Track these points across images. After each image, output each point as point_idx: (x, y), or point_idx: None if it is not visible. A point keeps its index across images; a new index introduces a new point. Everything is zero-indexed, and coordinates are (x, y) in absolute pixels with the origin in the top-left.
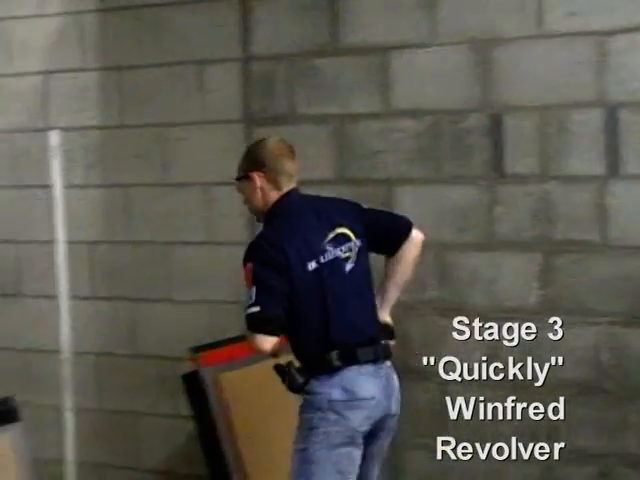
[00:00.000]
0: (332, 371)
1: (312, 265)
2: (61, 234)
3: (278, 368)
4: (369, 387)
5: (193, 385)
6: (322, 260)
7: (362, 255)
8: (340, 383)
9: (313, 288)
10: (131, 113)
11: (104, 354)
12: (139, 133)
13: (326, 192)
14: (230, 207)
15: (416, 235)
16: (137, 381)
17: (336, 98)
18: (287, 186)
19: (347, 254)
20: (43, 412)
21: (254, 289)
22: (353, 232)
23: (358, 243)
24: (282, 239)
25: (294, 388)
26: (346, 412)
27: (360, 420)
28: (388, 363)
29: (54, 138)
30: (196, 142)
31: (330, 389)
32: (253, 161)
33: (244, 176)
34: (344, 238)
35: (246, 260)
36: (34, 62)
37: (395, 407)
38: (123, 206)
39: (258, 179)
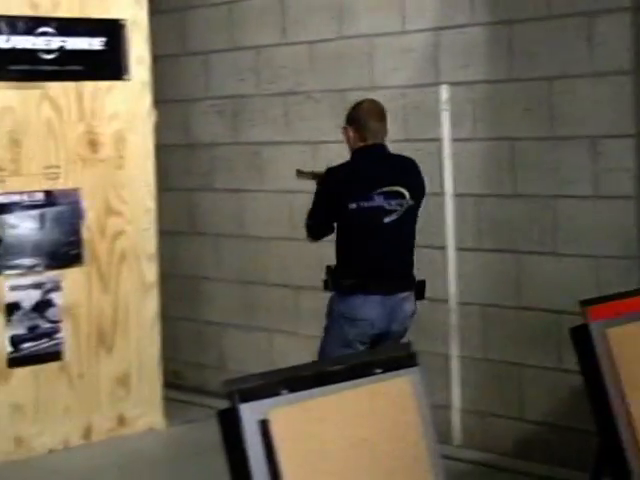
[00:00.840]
0: (344, 294)
1: (352, 205)
2: (449, 187)
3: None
4: (367, 312)
5: (582, 339)
6: (363, 205)
7: (410, 212)
8: (347, 305)
9: (349, 223)
10: (519, 67)
11: (489, 305)
12: (527, 86)
13: None
14: (617, 161)
15: None
16: (522, 333)
17: None
18: (372, 140)
19: (394, 207)
20: (431, 359)
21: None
22: (410, 192)
23: (410, 202)
24: (340, 176)
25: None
26: (346, 326)
27: (354, 334)
28: (403, 295)
29: (444, 93)
30: (583, 94)
31: (339, 307)
32: (349, 117)
33: (343, 127)
34: (397, 194)
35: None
36: (425, 19)
37: (396, 327)
38: (509, 159)
39: (350, 131)
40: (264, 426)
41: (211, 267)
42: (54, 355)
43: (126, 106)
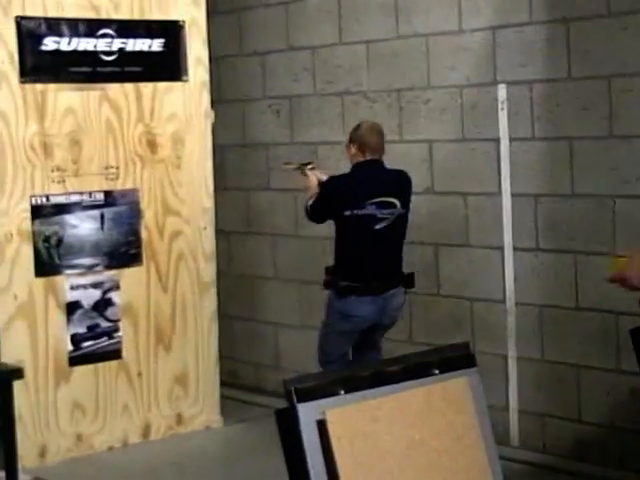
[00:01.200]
0: (339, 295)
1: (347, 212)
2: (507, 186)
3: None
4: (360, 310)
5: None
6: (356, 212)
7: (400, 219)
8: (343, 304)
9: (344, 228)
10: (577, 65)
11: (547, 306)
12: (585, 85)
13: None
14: None
15: None
16: (579, 334)
17: None
18: (370, 156)
19: (386, 216)
20: (488, 360)
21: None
22: (400, 202)
23: (401, 211)
24: (338, 185)
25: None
26: (342, 321)
27: (349, 328)
28: (392, 291)
29: (501, 92)
30: None
31: (336, 304)
32: (352, 136)
33: (347, 145)
34: (389, 204)
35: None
36: (482, 18)
37: (387, 321)
38: (567, 159)
39: (352, 149)
40: (322, 426)
41: (267, 266)
42: (113, 354)
43: (184, 107)
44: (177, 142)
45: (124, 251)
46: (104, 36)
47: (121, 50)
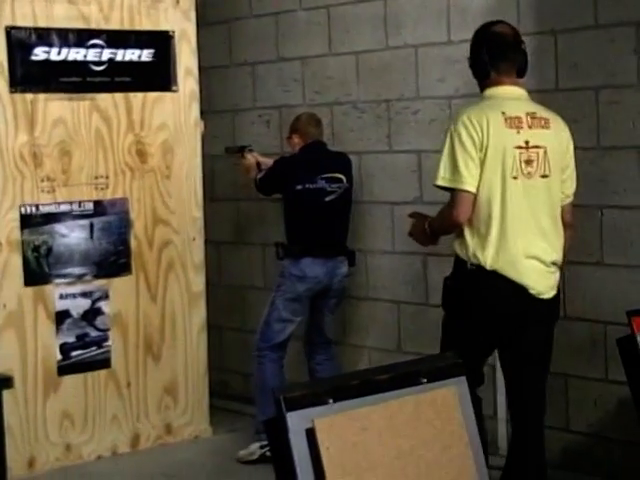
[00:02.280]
0: (295, 257)
1: (298, 187)
2: None
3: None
4: (315, 270)
5: (628, 349)
6: (308, 186)
7: (346, 193)
8: (298, 266)
9: (296, 201)
10: (565, 77)
11: None
12: (573, 97)
13: None
14: None
15: None
16: (567, 343)
17: None
18: (311, 140)
19: (334, 189)
20: None
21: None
22: (346, 177)
23: (346, 185)
24: (289, 163)
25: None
26: (298, 283)
27: (304, 289)
28: (340, 258)
29: None
30: (630, 104)
31: (291, 269)
32: (292, 127)
33: (288, 137)
34: (336, 179)
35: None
36: (470, 30)
37: (336, 285)
38: None
39: (295, 138)
40: (311, 435)
41: (257, 276)
42: (102, 363)
43: (174, 117)
44: (167, 152)
45: (113, 260)
46: (94, 46)
47: (111, 60)
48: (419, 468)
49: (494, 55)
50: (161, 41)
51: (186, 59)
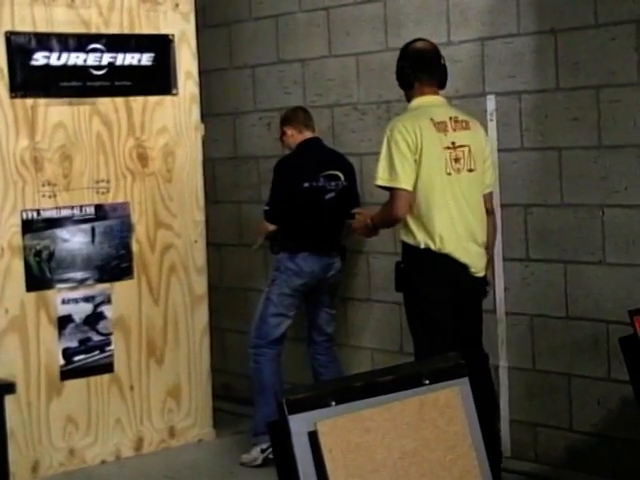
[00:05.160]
0: (292, 252)
1: (305, 184)
2: (496, 197)
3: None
4: (311, 265)
5: (631, 348)
6: (313, 184)
7: (344, 191)
8: (294, 261)
9: (299, 199)
10: (565, 76)
11: (538, 315)
12: (573, 96)
13: None
14: None
15: None
16: (570, 343)
17: None
18: (308, 133)
19: (333, 187)
20: None
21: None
22: (344, 175)
23: (344, 183)
24: (291, 163)
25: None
26: (294, 277)
27: (300, 283)
28: (333, 254)
29: (490, 103)
30: (630, 103)
31: (287, 263)
32: (284, 119)
33: (280, 136)
34: (335, 177)
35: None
36: (470, 30)
37: (331, 279)
38: (556, 169)
39: (289, 130)
40: (313, 437)
41: (259, 279)
42: (105, 367)
43: (175, 120)
44: (168, 155)
45: (115, 265)
46: (94, 51)
47: (111, 64)
48: (423, 469)
49: (416, 68)
50: (161, 45)
51: (186, 62)
